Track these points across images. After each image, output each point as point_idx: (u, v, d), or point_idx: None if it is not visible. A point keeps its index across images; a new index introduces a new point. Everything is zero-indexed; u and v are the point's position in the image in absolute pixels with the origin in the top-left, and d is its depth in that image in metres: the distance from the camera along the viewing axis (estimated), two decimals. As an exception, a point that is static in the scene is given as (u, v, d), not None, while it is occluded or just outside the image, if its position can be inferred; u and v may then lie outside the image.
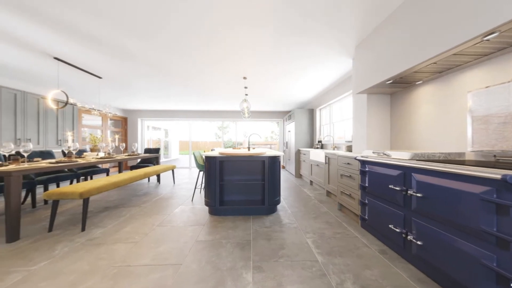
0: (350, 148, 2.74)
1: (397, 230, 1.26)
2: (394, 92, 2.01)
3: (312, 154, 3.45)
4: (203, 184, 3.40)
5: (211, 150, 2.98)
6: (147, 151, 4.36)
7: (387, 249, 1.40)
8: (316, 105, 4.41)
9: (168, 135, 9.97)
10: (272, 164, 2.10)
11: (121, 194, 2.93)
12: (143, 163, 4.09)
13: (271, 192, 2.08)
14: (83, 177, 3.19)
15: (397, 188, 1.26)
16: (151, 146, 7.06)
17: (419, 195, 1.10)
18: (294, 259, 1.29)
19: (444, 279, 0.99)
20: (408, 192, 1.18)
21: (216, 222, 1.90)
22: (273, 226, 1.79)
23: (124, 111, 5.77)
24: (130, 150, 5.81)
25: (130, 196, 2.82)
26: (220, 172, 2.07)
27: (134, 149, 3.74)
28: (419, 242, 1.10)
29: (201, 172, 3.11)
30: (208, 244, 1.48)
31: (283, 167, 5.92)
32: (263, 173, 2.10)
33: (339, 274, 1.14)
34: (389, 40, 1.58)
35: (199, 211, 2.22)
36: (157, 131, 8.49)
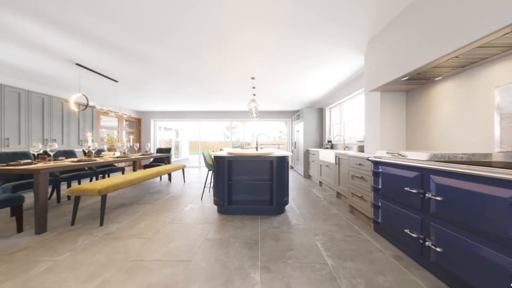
0: (362, 148, 2.63)
1: (413, 235, 1.19)
2: (411, 89, 1.90)
3: (322, 155, 3.37)
4: (212, 183, 3.47)
5: (220, 150, 3.03)
6: (159, 150, 4.54)
7: (403, 255, 1.33)
8: (325, 104, 4.30)
9: (178, 135, 10.29)
10: (280, 164, 2.08)
11: (135, 192, 3.08)
12: (155, 162, 4.26)
13: (279, 192, 2.06)
14: (101, 175, 3.39)
15: (413, 191, 1.19)
16: (163, 146, 7.33)
17: (438, 198, 1.03)
18: (302, 261, 1.27)
19: (468, 290, 0.92)
20: (426, 195, 1.11)
21: (225, 221, 1.93)
22: (281, 227, 1.78)
23: (138, 112, 6.06)
24: (143, 150, 6.08)
25: (144, 194, 2.95)
26: (229, 171, 2.10)
27: (147, 149, 3.91)
28: (439, 249, 1.03)
29: (210, 172, 3.17)
30: (217, 243, 1.50)
31: (291, 167, 5.85)
32: (271, 173, 2.09)
33: (350, 279, 1.10)
34: (405, 34, 1.50)
35: (208, 209, 2.26)
36: (168, 131, 8.80)
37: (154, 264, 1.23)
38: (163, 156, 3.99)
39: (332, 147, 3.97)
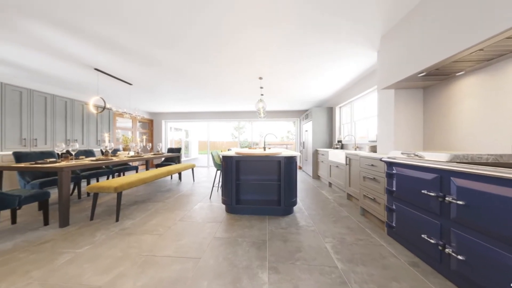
0: (374, 149, 2.53)
1: (431, 241, 1.12)
2: (428, 85, 1.79)
3: (331, 155, 3.28)
4: (220, 183, 3.52)
5: (228, 150, 3.07)
6: (170, 150, 4.69)
7: (419, 261, 1.25)
8: (335, 103, 4.18)
9: (188, 135, 10.57)
10: (288, 165, 2.06)
11: (148, 190, 3.21)
12: (166, 162, 4.41)
13: (287, 193, 2.04)
14: (117, 173, 3.58)
15: (431, 194, 1.12)
16: (174, 146, 7.57)
17: (460, 202, 0.96)
18: (311, 263, 1.25)
19: (494, 303, 0.84)
20: (446, 198, 1.03)
21: (233, 220, 1.94)
22: (289, 228, 1.76)
23: (150, 113, 6.32)
24: (155, 150, 6.33)
25: (156, 192, 3.06)
26: (237, 171, 2.12)
27: (159, 148, 4.07)
28: (461, 257, 0.96)
29: (218, 171, 3.23)
30: (225, 241, 1.52)
31: (299, 167, 5.76)
32: (279, 173, 2.07)
33: (362, 284, 1.06)
34: (423, 27, 1.41)
35: (216, 208, 2.30)
36: (178, 132, 9.07)
37: (166, 260, 1.28)
38: (174, 156, 4.12)
39: (342, 147, 3.85)
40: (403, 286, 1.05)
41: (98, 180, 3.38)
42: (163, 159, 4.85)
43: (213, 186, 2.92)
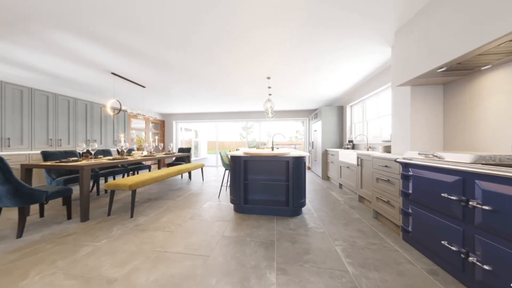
0: (388, 149, 2.41)
1: (453, 248, 1.04)
2: (449, 81, 1.67)
3: (342, 155, 3.18)
4: (228, 182, 3.56)
5: (236, 150, 3.09)
6: (180, 150, 4.84)
7: (439, 269, 1.18)
8: (346, 101, 4.05)
9: (198, 135, 10.82)
10: (296, 165, 2.03)
11: (160, 188, 3.34)
12: (177, 161, 4.56)
13: (296, 193, 2.01)
14: (132, 172, 3.77)
15: (453, 198, 1.04)
16: (184, 146, 7.80)
17: (486, 207, 0.89)
18: (320, 266, 1.22)
19: (527, 319, 0.77)
20: (470, 203, 0.96)
21: (241, 219, 1.96)
22: (297, 229, 1.73)
23: (162, 115, 6.56)
24: (167, 149, 6.56)
25: (167, 190, 3.18)
26: (245, 171, 2.13)
27: (170, 148, 4.21)
28: (487, 267, 0.88)
29: (226, 171, 3.27)
30: (233, 240, 1.54)
31: (308, 168, 5.65)
32: (287, 173, 2.05)
33: (375, 290, 1.02)
34: (443, 18, 1.32)
35: (225, 207, 2.33)
36: (188, 132, 9.32)
37: (176, 256, 1.32)
38: (184, 155, 4.25)
39: (353, 147, 3.71)
40: (420, 294, 0.99)
41: (114, 178, 3.57)
42: (174, 158, 5.02)
43: (221, 186, 2.97)
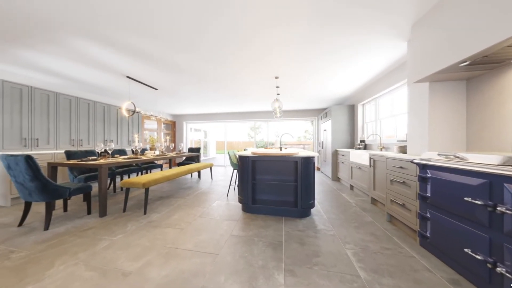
0: (403, 149, 2.28)
1: (478, 257, 0.96)
2: (473, 76, 1.54)
3: (353, 156, 3.07)
4: (237, 182, 3.60)
5: (244, 149, 3.11)
6: (190, 150, 4.98)
7: (461, 279, 1.09)
8: (357, 100, 3.90)
9: (207, 136, 11.05)
10: (305, 165, 2.00)
11: (171, 186, 3.46)
12: (187, 161, 4.69)
13: (305, 194, 1.98)
14: (145, 170, 3.94)
15: (478, 202, 0.96)
16: (193, 146, 8.01)
17: (517, 214, 0.81)
18: (330, 269, 1.19)
19: None
20: (498, 208, 0.88)
21: (249, 219, 1.97)
22: (306, 231, 1.70)
23: (173, 116, 6.79)
24: (177, 149, 6.78)
25: (178, 189, 3.28)
26: (253, 171, 2.14)
27: (181, 148, 4.34)
28: (518, 279, 0.80)
29: (235, 171, 3.31)
30: (241, 240, 1.55)
31: (317, 168, 5.53)
32: (296, 174, 2.02)
33: (389, 297, 0.97)
34: (467, 8, 1.22)
35: (233, 207, 2.35)
36: (198, 132, 9.55)
37: (186, 253, 1.36)
38: (194, 155, 4.36)
39: (365, 147, 3.57)
40: (440, 305, 0.93)
41: (129, 176, 3.76)
42: (184, 158, 5.18)
43: (230, 185, 3.00)
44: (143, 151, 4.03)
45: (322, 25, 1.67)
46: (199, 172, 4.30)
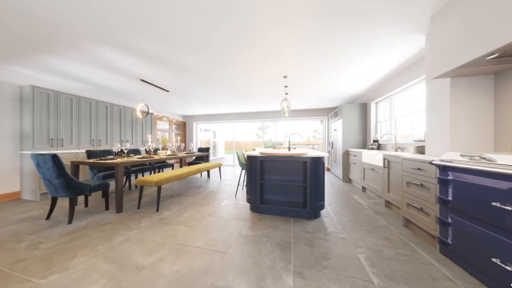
0: (421, 149, 2.15)
1: (508, 268, 0.88)
2: (502, 70, 1.41)
3: (365, 156, 2.95)
4: (245, 182, 3.62)
5: (252, 149, 3.12)
6: (200, 150, 5.10)
7: (488, 291, 1.00)
8: (370, 98, 3.74)
9: (216, 136, 11.24)
10: (315, 166, 1.95)
11: (181, 185, 3.56)
12: (197, 160, 4.81)
13: (314, 195, 1.94)
14: (157, 169, 4.10)
15: (508, 208, 0.88)
16: (203, 146, 8.19)
17: (556, 222, 0.72)
18: (341, 273, 1.15)
19: None
20: (532, 215, 0.79)
21: (257, 219, 1.97)
22: (316, 233, 1.67)
23: (183, 116, 7.00)
24: (187, 149, 6.98)
25: (188, 188, 3.37)
26: (261, 171, 2.13)
27: (191, 148, 4.46)
28: (557, 295, 0.72)
29: (243, 170, 3.33)
30: (250, 239, 1.56)
31: (327, 169, 5.39)
32: (305, 174, 1.99)
33: (405, 306, 0.92)
34: (491, -2, 1.12)
35: (241, 206, 2.37)
36: (207, 132, 9.75)
37: (196, 251, 1.39)
38: (203, 155, 4.46)
39: (379, 147, 3.41)
40: (463, 318, 0.86)
41: (143, 175, 3.94)
42: (194, 157, 5.32)
43: (238, 185, 3.03)
44: (156, 150, 4.19)
45: (335, 20, 1.62)
46: (208, 172, 4.39)
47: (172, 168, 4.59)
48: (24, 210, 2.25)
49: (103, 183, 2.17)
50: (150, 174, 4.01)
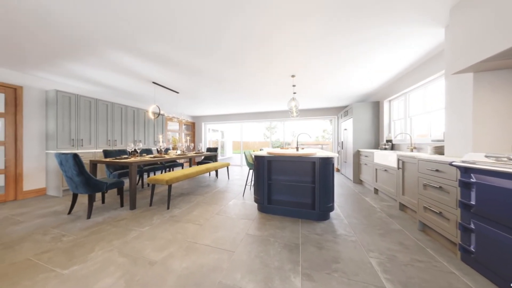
0: (439, 150, 2.01)
1: (541, 281, 0.80)
2: (535, 62, 1.28)
3: (378, 157, 2.83)
4: (252, 182, 3.62)
5: (260, 149, 3.12)
6: (208, 150, 5.19)
7: (518, 305, 0.92)
8: (383, 96, 3.58)
9: (224, 136, 11.39)
10: (323, 166, 1.91)
11: (190, 184, 3.65)
12: (205, 160, 4.90)
13: (323, 196, 1.90)
14: (168, 168, 4.24)
15: (541, 214, 0.80)
16: (211, 146, 8.34)
17: None
18: (352, 277, 1.11)
19: None
20: None
21: (264, 219, 1.96)
22: (325, 235, 1.63)
23: (192, 117, 7.17)
24: (197, 149, 7.14)
25: (197, 187, 3.45)
26: (268, 171, 2.13)
27: (200, 148, 4.56)
28: None
29: (251, 170, 3.34)
30: (257, 239, 1.56)
31: (337, 170, 5.24)
32: (314, 175, 1.95)
33: (421, 316, 0.87)
34: (522, -16, 1.02)
35: (249, 206, 2.38)
36: (215, 133, 9.91)
37: (205, 248, 1.42)
38: (212, 155, 4.53)
39: (392, 147, 3.26)
40: (488, 332, 0.79)
41: (154, 174, 4.09)
42: (202, 157, 5.44)
43: (245, 185, 3.04)
44: (167, 150, 4.34)
45: (347, 16, 1.57)
46: (216, 171, 4.46)
47: (182, 168, 4.72)
48: (49, 205, 2.43)
49: (118, 181, 2.28)
50: (161, 173, 4.15)
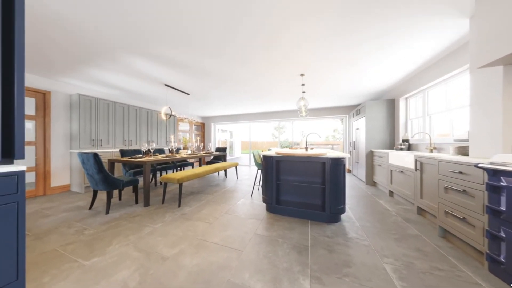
0: (463, 150, 1.86)
1: None
2: None
3: (393, 157, 2.69)
4: (261, 182, 3.62)
5: (268, 149, 3.11)
6: (217, 150, 5.29)
7: (558, 324, 0.82)
8: (399, 93, 3.39)
9: (232, 136, 11.51)
10: (334, 167, 1.86)
11: (200, 183, 3.74)
12: (215, 160, 4.99)
13: (333, 198, 1.84)
14: (179, 168, 4.39)
15: None
16: (220, 146, 8.48)
17: None
18: (364, 283, 1.07)
19: None
20: None
21: (273, 220, 1.95)
22: (335, 237, 1.58)
23: (202, 118, 7.35)
24: (206, 149, 7.30)
25: (206, 186, 3.53)
26: (277, 171, 2.11)
27: (209, 148, 4.66)
28: None
29: (259, 170, 3.34)
30: (265, 239, 1.55)
31: (348, 171, 5.06)
32: (323, 176, 1.90)
33: (442, 328, 0.81)
34: None
35: (257, 206, 2.38)
36: (224, 133, 10.05)
37: (214, 246, 1.45)
38: (221, 155, 4.60)
39: (409, 148, 3.07)
40: None
41: (166, 173, 4.25)
42: (212, 157, 5.54)
43: (254, 185, 3.05)
44: (178, 150, 4.48)
45: (360, 10, 1.51)
46: (225, 171, 4.52)
47: (192, 167, 4.85)
48: (73, 201, 2.63)
49: (133, 179, 2.41)
50: (173, 172, 4.31)
